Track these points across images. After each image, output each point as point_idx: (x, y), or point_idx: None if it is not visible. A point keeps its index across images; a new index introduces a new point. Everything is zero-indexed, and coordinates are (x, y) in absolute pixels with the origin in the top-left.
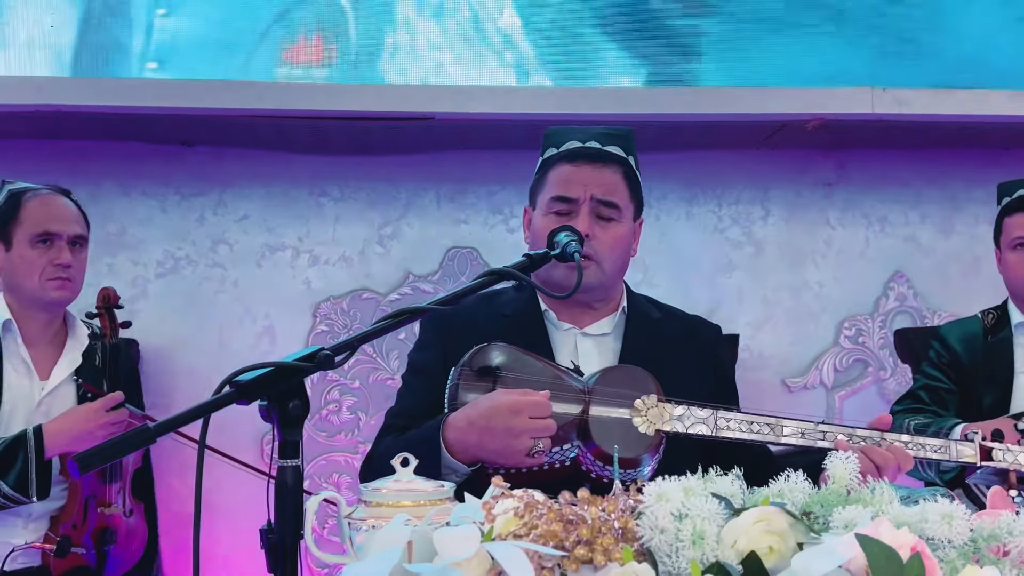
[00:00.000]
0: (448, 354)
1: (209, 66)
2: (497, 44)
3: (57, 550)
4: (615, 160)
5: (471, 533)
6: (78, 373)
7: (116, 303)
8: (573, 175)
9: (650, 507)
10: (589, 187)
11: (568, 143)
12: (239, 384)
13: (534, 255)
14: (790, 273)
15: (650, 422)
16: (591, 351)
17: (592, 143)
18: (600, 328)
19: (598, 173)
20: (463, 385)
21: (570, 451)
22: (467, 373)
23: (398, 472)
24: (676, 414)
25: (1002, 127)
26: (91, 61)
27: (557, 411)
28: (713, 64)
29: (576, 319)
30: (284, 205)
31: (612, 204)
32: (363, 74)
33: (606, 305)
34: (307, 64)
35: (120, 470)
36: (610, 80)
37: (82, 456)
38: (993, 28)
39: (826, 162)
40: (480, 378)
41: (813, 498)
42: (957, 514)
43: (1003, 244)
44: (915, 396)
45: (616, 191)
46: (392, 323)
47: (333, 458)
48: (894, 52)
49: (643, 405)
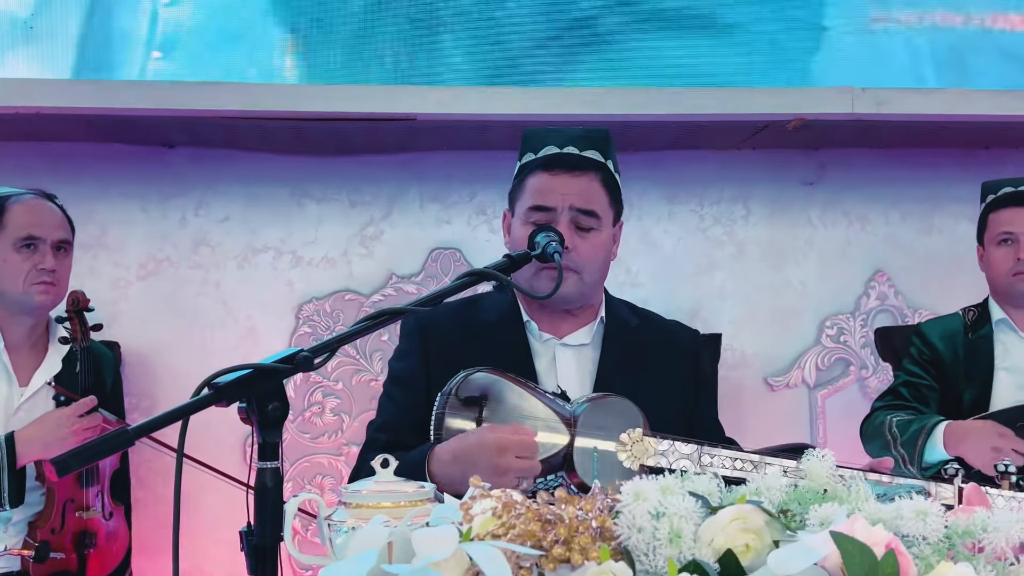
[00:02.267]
0: (430, 362)
1: (213, 55)
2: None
3: (36, 556)
4: (593, 166)
5: (449, 533)
6: (57, 379)
7: (86, 306)
8: (551, 184)
9: (627, 506)
10: (567, 196)
11: (546, 148)
12: (217, 386)
13: (515, 255)
14: (772, 272)
15: (635, 457)
16: (570, 362)
17: (570, 148)
18: (579, 338)
19: (576, 182)
20: (449, 413)
21: (554, 481)
22: (453, 401)
23: (378, 473)
24: (660, 449)
25: (982, 126)
26: (96, 51)
27: (543, 441)
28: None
29: (555, 328)
30: (266, 206)
31: (591, 213)
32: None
33: (585, 312)
34: (309, 52)
35: (97, 473)
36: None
37: (60, 459)
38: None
39: (807, 162)
40: (465, 407)
41: (790, 496)
42: (932, 511)
43: (987, 240)
44: (896, 393)
45: (594, 199)
46: (372, 324)
47: (316, 460)
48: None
49: (628, 439)
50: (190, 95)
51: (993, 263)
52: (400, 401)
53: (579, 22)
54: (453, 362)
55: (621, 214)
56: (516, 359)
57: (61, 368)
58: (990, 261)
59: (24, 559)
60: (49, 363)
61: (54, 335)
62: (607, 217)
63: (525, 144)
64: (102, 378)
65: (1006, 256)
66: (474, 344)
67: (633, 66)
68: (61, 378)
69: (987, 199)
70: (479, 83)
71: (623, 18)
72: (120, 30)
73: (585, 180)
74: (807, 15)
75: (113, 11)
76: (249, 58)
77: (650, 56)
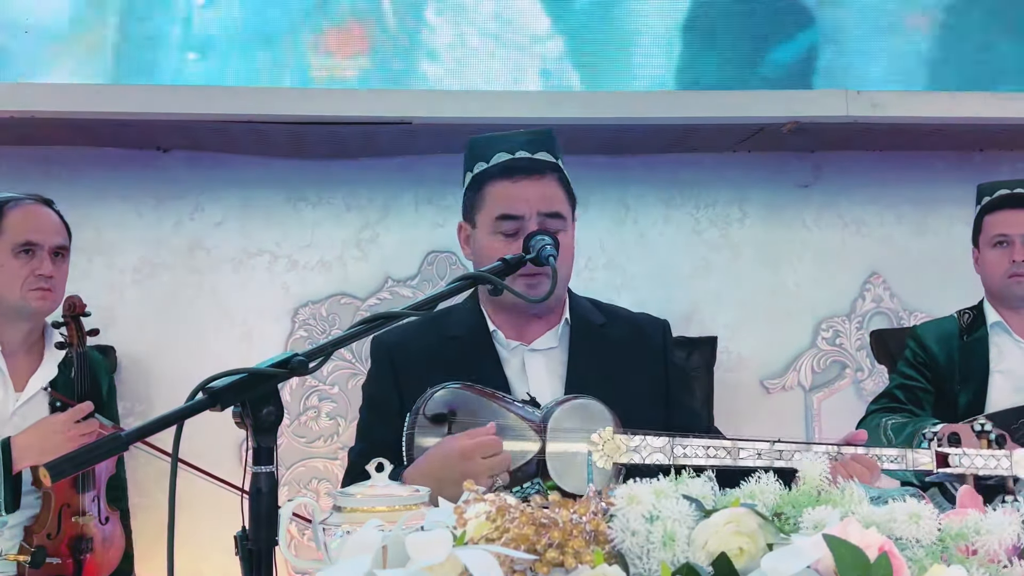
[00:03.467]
0: (400, 383)
1: (248, 56)
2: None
3: (32, 561)
4: (549, 167)
5: (443, 538)
6: (53, 385)
7: (83, 311)
8: (515, 192)
9: (621, 509)
10: (532, 203)
11: (497, 155)
12: (211, 391)
13: (510, 259)
14: (768, 275)
15: (607, 456)
16: (540, 367)
17: (522, 152)
18: (546, 342)
19: (538, 186)
20: (418, 432)
21: (530, 488)
22: (421, 420)
23: (373, 477)
24: (632, 445)
25: (976, 129)
26: (133, 52)
27: (515, 450)
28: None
29: (521, 334)
30: (261, 210)
31: (557, 215)
32: (399, 67)
33: (550, 316)
34: (344, 55)
35: (93, 478)
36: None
37: (54, 464)
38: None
39: (802, 164)
40: (434, 424)
41: (784, 499)
42: (925, 514)
43: (982, 242)
44: (891, 395)
45: (557, 201)
46: (367, 328)
47: (312, 464)
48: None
49: (599, 439)
50: (185, 99)
51: (988, 265)
52: (376, 426)
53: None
54: (424, 380)
55: (575, 208)
56: (486, 370)
57: (57, 373)
58: (985, 263)
59: (20, 565)
60: (45, 368)
61: (50, 340)
62: (569, 217)
63: (472, 152)
64: (98, 383)
65: (1001, 258)
66: (443, 360)
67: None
68: (57, 383)
69: (982, 201)
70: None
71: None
72: (156, 33)
73: (545, 183)
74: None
75: (149, 14)
76: (282, 60)
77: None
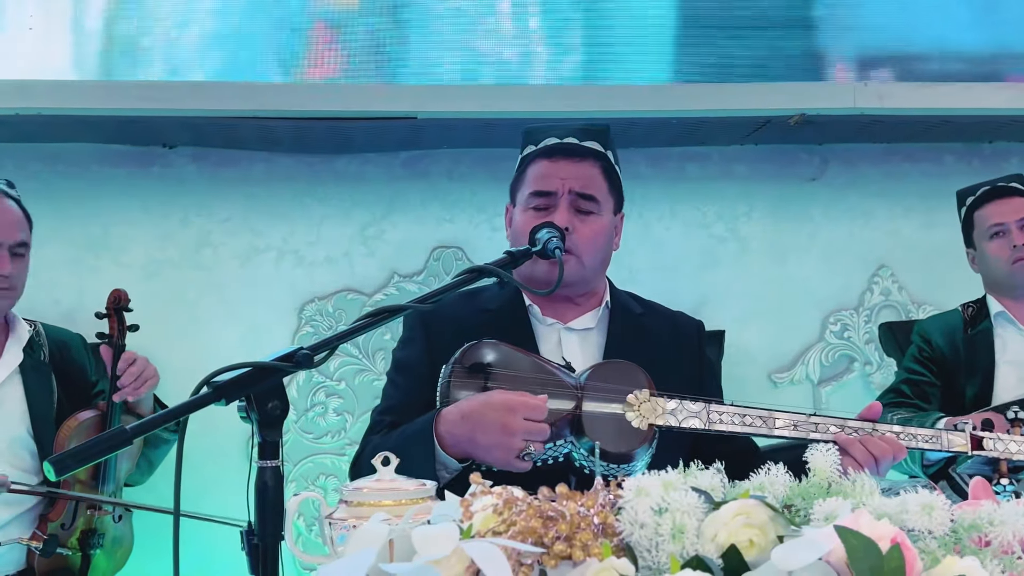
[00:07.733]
0: (432, 350)
1: (254, 52)
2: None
3: (43, 549)
4: (593, 154)
5: (449, 531)
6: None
7: (126, 305)
8: (550, 170)
9: (630, 502)
10: (567, 181)
11: (546, 140)
12: (216, 385)
13: (515, 252)
14: (775, 268)
15: (643, 416)
16: (575, 346)
17: (570, 138)
18: (584, 323)
19: (575, 167)
20: (455, 382)
21: (563, 447)
22: (458, 370)
23: (379, 471)
24: (669, 408)
25: (985, 120)
26: (139, 49)
27: (551, 407)
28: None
29: (560, 314)
30: (268, 206)
31: (590, 197)
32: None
33: (589, 300)
34: (350, 50)
35: (114, 474)
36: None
37: (58, 458)
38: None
39: (810, 157)
40: (471, 375)
41: (794, 491)
42: (937, 505)
43: (977, 238)
44: (898, 391)
45: (593, 184)
46: (373, 322)
47: (320, 460)
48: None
49: (636, 400)
50: (191, 95)
51: (989, 257)
52: (404, 386)
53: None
54: (456, 349)
55: (622, 205)
56: (520, 343)
57: (24, 358)
58: (985, 256)
59: (30, 552)
60: (8, 357)
61: (13, 329)
62: (607, 203)
63: (526, 139)
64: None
65: (1001, 247)
66: (476, 331)
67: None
68: (25, 369)
69: (967, 201)
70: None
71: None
72: (161, 29)
73: (585, 166)
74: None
75: (155, 10)
76: (288, 56)
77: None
